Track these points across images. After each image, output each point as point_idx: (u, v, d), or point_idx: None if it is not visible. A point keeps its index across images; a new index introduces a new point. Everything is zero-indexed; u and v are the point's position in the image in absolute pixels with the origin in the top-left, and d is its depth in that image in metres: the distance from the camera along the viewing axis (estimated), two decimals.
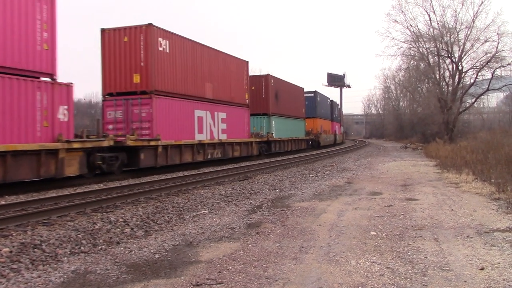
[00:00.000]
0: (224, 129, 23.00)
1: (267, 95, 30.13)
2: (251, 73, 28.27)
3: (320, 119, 44.68)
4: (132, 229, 7.51)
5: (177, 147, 18.85)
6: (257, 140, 27.53)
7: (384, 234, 6.74)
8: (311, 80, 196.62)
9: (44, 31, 12.51)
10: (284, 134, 32.73)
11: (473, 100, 41.24)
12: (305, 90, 41.11)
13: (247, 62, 26.73)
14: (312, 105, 42.38)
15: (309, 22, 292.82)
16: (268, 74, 30.66)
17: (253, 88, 28.33)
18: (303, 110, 39.04)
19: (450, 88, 40.56)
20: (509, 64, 36.43)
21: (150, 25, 17.36)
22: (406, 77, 53.75)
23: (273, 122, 30.87)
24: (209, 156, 21.36)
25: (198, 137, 20.44)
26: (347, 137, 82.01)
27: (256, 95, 29.13)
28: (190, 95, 20.15)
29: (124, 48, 17.54)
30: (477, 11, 37.19)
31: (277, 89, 31.70)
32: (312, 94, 43.25)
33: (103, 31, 17.95)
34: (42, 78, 12.49)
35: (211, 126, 21.69)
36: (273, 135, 30.43)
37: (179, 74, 19.27)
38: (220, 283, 4.70)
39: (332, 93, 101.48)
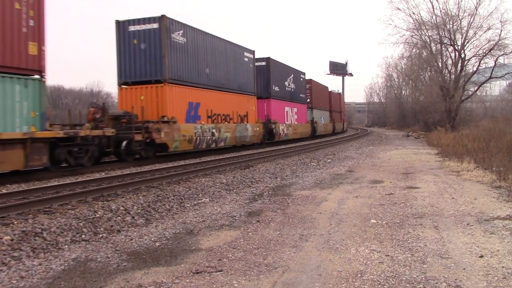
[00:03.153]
0: None
1: None
2: None
3: (182, 86, 19.26)
4: (133, 217, 7.53)
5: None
6: None
7: (384, 222, 6.75)
8: (313, 68, 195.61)
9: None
10: None
11: (475, 88, 41.04)
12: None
13: None
14: (154, 53, 18.14)
15: (311, 9, 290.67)
16: None
17: None
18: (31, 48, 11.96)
19: (453, 76, 40.34)
20: None
21: None
22: (409, 65, 53.53)
23: None
24: None
25: None
26: (349, 125, 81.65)
27: None
28: None
29: None
30: None
31: None
32: (156, 25, 18.06)
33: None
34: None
35: None
36: None
37: None
38: (220, 271, 4.72)
39: (334, 82, 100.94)
